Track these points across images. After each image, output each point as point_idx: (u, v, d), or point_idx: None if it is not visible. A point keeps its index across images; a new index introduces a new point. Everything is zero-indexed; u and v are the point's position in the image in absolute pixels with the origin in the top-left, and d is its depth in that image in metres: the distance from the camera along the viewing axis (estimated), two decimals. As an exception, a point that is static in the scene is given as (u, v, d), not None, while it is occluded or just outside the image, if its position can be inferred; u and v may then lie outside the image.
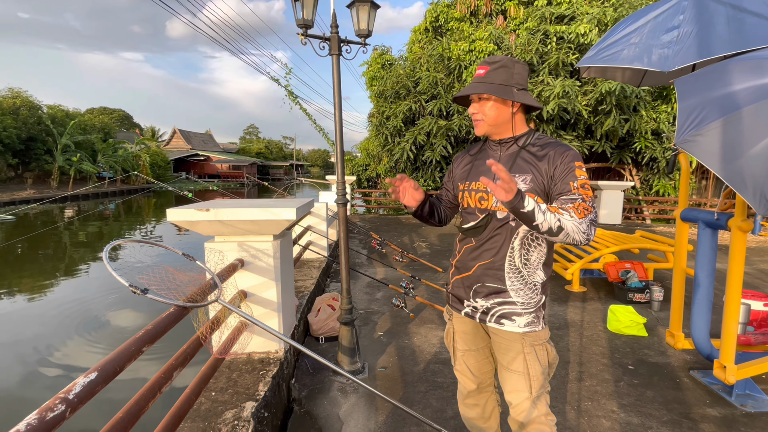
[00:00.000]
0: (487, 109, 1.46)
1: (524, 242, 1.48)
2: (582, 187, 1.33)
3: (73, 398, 1.06)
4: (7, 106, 27.05)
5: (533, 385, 1.50)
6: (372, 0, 2.62)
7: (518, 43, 8.80)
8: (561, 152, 1.40)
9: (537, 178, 1.42)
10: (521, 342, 1.51)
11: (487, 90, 1.43)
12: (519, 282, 1.48)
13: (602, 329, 3.61)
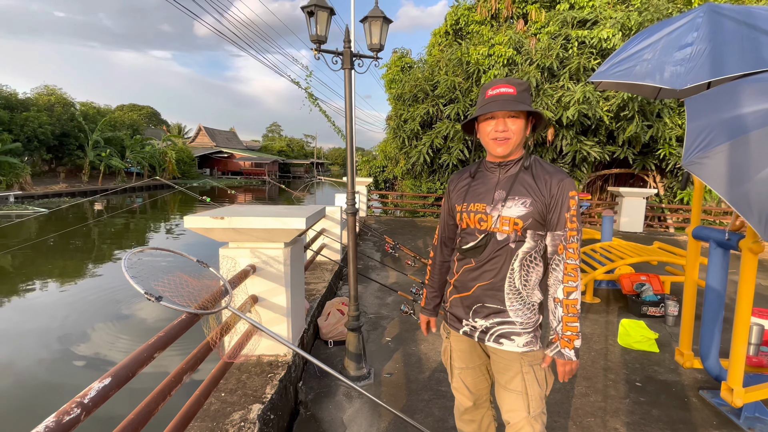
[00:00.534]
0: (517, 128, 1.46)
1: (524, 263, 1.50)
2: (572, 219, 1.44)
3: (88, 402, 1.16)
4: (43, 103, 28.28)
5: (531, 405, 1.52)
6: (384, 15, 2.68)
7: (538, 48, 8.70)
8: (558, 181, 1.45)
9: (536, 202, 1.46)
10: (520, 361, 1.53)
11: (529, 108, 1.46)
12: (518, 302, 1.51)
13: (612, 343, 3.58)
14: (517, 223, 1.47)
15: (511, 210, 1.48)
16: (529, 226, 1.46)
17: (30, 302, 7.72)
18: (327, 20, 2.56)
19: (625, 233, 9.07)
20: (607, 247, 4.90)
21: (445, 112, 9.92)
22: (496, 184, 1.55)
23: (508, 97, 1.45)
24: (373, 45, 2.74)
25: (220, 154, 48.84)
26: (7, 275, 9.57)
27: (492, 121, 1.48)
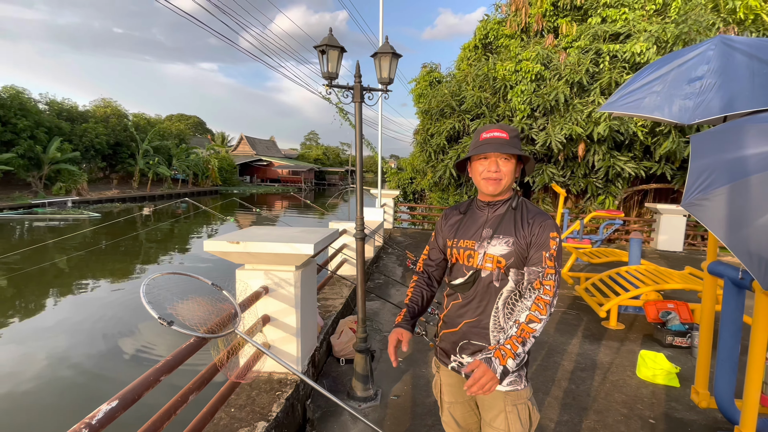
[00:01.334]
0: (508, 169, 1.55)
1: (508, 302, 1.54)
2: (551, 258, 1.47)
3: (95, 424, 1.31)
4: (100, 115, 30.49)
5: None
6: (393, 51, 2.79)
7: (568, 62, 8.51)
8: (540, 221, 1.51)
9: (518, 241, 1.50)
10: (503, 400, 1.55)
11: (521, 152, 1.55)
12: (503, 339, 1.55)
13: (631, 375, 3.46)
14: (500, 261, 1.51)
15: (495, 248, 1.53)
16: (511, 264, 1.51)
17: (83, 300, 8.38)
18: (338, 58, 2.70)
19: (663, 252, 8.66)
20: (633, 271, 4.73)
21: (471, 127, 9.90)
22: (484, 222, 1.61)
23: (502, 141, 1.53)
24: (383, 79, 2.85)
25: (259, 162, 50.63)
26: (63, 275, 10.40)
27: (485, 161, 1.56)
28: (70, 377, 5.04)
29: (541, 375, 3.44)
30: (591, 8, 9.58)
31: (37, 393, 4.81)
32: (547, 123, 9.06)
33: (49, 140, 24.40)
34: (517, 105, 9.06)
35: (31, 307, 8.05)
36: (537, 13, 9.92)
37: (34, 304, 8.22)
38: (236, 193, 35.36)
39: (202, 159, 38.36)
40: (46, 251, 12.56)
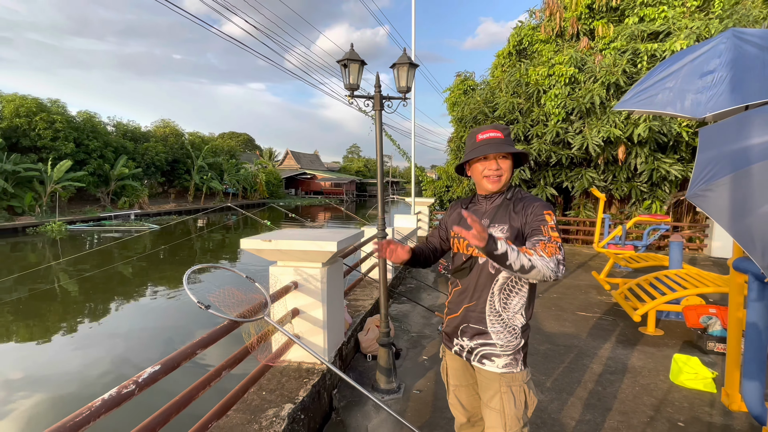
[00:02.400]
0: (506, 167, 1.67)
1: (504, 288, 1.64)
2: (551, 230, 1.49)
3: (141, 382, 1.57)
4: (159, 135, 33.00)
5: (507, 423, 1.62)
6: (410, 62, 2.98)
7: (604, 64, 8.29)
8: (531, 203, 1.60)
9: (512, 227, 1.60)
10: (499, 382, 1.64)
11: (514, 150, 1.65)
12: (499, 325, 1.64)
13: (664, 379, 3.36)
14: None
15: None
16: None
17: (142, 306, 9.13)
18: (358, 70, 2.93)
19: (717, 259, 8.12)
20: (672, 275, 4.55)
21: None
22: (483, 213, 1.73)
23: (500, 141, 1.65)
24: (401, 87, 3.05)
25: (303, 176, 52.42)
26: (126, 281, 11.37)
27: (486, 161, 1.67)
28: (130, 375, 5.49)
29: (567, 376, 3.42)
30: (628, 8, 9.30)
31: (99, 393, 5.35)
32: (583, 126, 8.84)
33: (115, 159, 26.77)
34: (551, 109, 8.93)
35: (99, 311, 8.89)
36: (572, 16, 9.77)
37: (101, 308, 9.07)
38: (282, 204, 36.82)
39: (250, 173, 40.36)
40: (112, 260, 13.77)
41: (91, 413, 1.34)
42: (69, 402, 4.92)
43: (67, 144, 23.23)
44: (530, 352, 3.88)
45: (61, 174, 21.78)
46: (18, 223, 19.23)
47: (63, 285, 10.95)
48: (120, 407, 1.45)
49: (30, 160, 21.59)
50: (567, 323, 4.71)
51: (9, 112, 21.70)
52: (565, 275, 7.15)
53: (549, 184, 10.19)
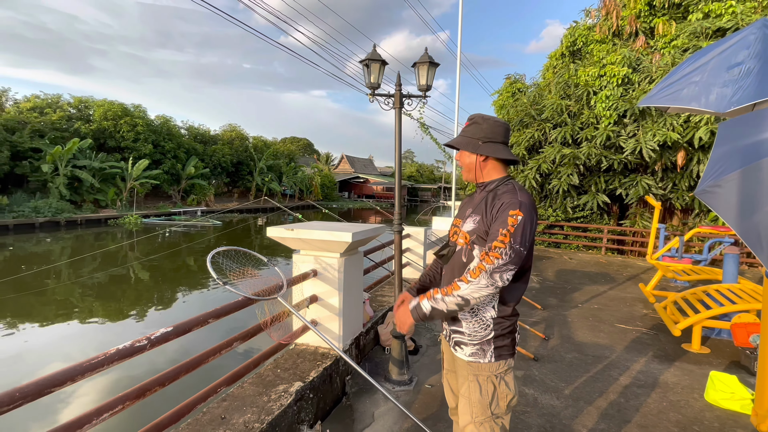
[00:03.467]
0: (462, 160, 1.73)
1: None
2: (505, 235, 1.48)
3: (153, 339, 1.80)
4: (226, 138, 35.37)
5: (474, 411, 1.63)
6: (430, 60, 3.06)
7: (662, 64, 7.70)
8: (501, 201, 1.56)
9: (483, 219, 1.61)
10: (467, 369, 1.66)
11: (452, 142, 1.74)
12: (469, 314, 1.64)
13: (697, 397, 3.11)
14: (466, 237, 1.64)
15: (466, 225, 1.67)
16: (474, 240, 1.61)
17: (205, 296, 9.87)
18: (379, 70, 3.06)
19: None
20: (725, 289, 4.17)
21: (551, 136, 9.45)
22: (472, 203, 1.76)
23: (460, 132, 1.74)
24: (422, 86, 3.13)
25: (356, 179, 53.55)
26: (191, 273, 12.34)
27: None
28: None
29: (588, 386, 3.28)
30: (692, 4, 8.57)
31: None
32: (637, 129, 8.27)
33: (187, 159, 29.11)
34: (601, 111, 8.44)
35: (167, 298, 9.76)
36: (630, 14, 9.19)
37: (168, 296, 9.94)
38: (335, 207, 37.92)
39: (307, 176, 42.01)
40: (180, 253, 15.01)
41: (106, 358, 1.58)
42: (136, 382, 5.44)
43: (146, 145, 25.68)
44: (554, 359, 3.77)
45: (140, 172, 24.10)
46: (102, 215, 21.55)
47: (138, 274, 12.14)
48: (137, 365, 1.67)
49: (114, 159, 24.14)
50: (602, 334, 4.49)
51: (98, 115, 24.45)
52: (612, 287, 6.75)
53: (601, 190, 9.62)
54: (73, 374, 1.46)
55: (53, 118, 22.62)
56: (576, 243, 10.64)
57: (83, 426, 1.50)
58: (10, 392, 1.27)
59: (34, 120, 21.87)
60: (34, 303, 8.79)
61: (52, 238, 17.32)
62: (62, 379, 1.42)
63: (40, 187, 21.37)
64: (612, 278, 7.45)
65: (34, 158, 20.91)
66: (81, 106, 25.00)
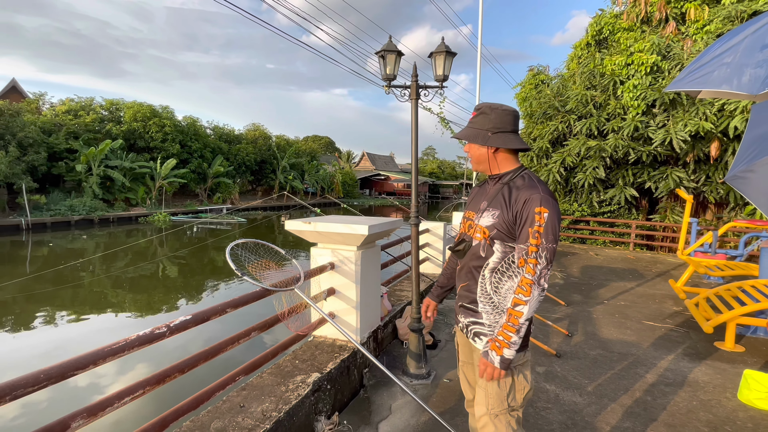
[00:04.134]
0: (471, 152, 1.70)
1: (495, 272, 1.61)
2: (536, 235, 1.47)
3: (173, 327, 1.84)
4: (250, 137, 36.01)
5: (490, 402, 1.61)
6: (447, 50, 3.01)
7: (694, 51, 7.32)
8: (526, 196, 1.53)
9: (503, 215, 1.57)
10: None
11: (460, 135, 1.71)
12: (489, 306, 1.63)
13: (730, 397, 2.97)
14: (485, 232, 1.61)
15: (483, 219, 1.63)
16: (495, 236, 1.58)
17: (232, 291, 10.10)
18: (395, 61, 3.03)
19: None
20: (761, 285, 3.96)
21: (576, 128, 9.15)
22: (486, 195, 1.72)
23: (468, 123, 1.70)
24: (438, 76, 3.09)
25: (377, 177, 53.62)
26: (218, 269, 12.66)
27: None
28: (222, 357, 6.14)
29: (613, 383, 3.18)
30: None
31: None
32: (667, 119, 7.90)
33: (212, 158, 29.81)
34: (629, 101, 8.11)
35: (194, 292, 10.04)
36: (660, 0, 8.79)
37: (196, 290, 10.22)
38: (356, 204, 38.11)
39: (328, 174, 42.35)
40: (207, 249, 15.42)
41: (127, 344, 1.62)
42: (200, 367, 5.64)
43: (174, 145, 26.44)
44: (577, 356, 3.67)
45: (168, 171, 24.85)
46: (133, 213, 22.34)
47: (167, 270, 12.54)
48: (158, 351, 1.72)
49: (143, 159, 24.96)
50: (629, 331, 4.34)
51: (128, 117, 25.32)
52: (640, 283, 6.53)
53: (628, 183, 9.27)
54: (96, 358, 1.51)
55: (87, 121, 23.56)
56: (602, 239, 10.33)
57: (105, 408, 1.56)
58: (35, 374, 1.32)
59: (69, 122, 22.84)
60: (75, 296, 9.20)
61: (86, 235, 18.09)
62: (85, 362, 1.47)
63: (75, 186, 22.32)
64: (640, 274, 7.20)
65: (69, 159, 21.84)
66: (112, 108, 25.95)
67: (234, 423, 2.14)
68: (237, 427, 2.10)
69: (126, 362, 5.70)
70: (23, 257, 13.51)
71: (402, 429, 2.58)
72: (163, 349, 5.87)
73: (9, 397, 1.25)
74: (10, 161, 17.84)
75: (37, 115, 22.73)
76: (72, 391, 5.00)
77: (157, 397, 4.53)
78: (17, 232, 17.73)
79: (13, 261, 12.84)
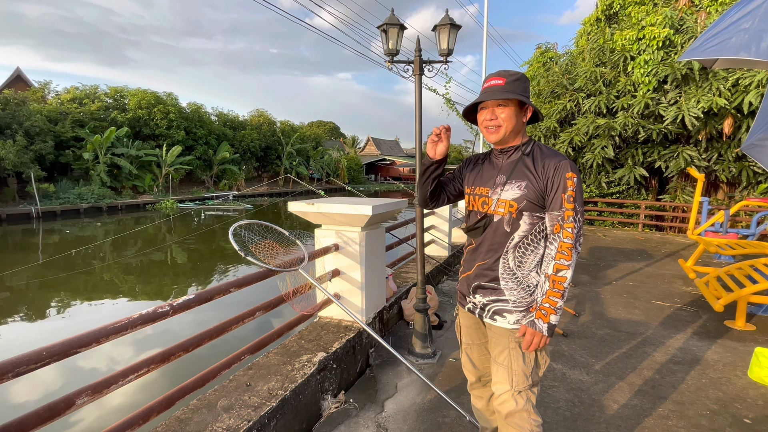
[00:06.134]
0: (505, 116, 1.56)
1: (519, 246, 1.58)
2: (570, 199, 1.48)
3: (176, 306, 1.83)
4: (255, 123, 35.86)
5: (515, 379, 1.60)
6: (452, 22, 2.91)
7: (708, 23, 7.06)
8: (555, 163, 1.51)
9: (531, 185, 1.53)
10: (509, 337, 1.61)
11: (515, 96, 1.53)
12: (513, 282, 1.59)
13: (740, 375, 2.94)
14: (512, 205, 1.55)
15: (507, 193, 1.57)
16: (524, 207, 1.54)
17: (239, 275, 10.18)
18: (398, 35, 2.95)
19: None
20: (774, 263, 3.88)
21: (585, 107, 8.94)
22: (499, 169, 1.65)
23: (497, 89, 1.56)
24: (443, 50, 3.00)
25: (383, 162, 53.33)
26: (226, 255, 12.74)
27: (484, 111, 1.60)
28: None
29: (621, 362, 3.16)
30: None
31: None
32: (679, 96, 7.68)
33: (218, 145, 29.78)
34: (639, 77, 7.88)
35: (201, 278, 10.13)
36: (675, -30, 8.47)
37: (205, 275, 10.32)
38: (361, 190, 38.06)
39: (333, 160, 42.18)
40: (214, 235, 15.52)
41: (129, 322, 1.62)
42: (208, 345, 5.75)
43: (179, 132, 26.41)
44: (585, 335, 3.65)
45: (174, 158, 24.88)
46: (140, 200, 22.50)
47: (177, 256, 12.66)
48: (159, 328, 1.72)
49: (149, 146, 25.00)
50: (637, 311, 4.30)
51: (133, 104, 25.28)
52: (649, 264, 6.46)
53: (638, 163, 9.09)
54: (98, 336, 1.50)
55: (92, 109, 23.57)
56: (611, 219, 10.21)
57: (110, 386, 1.56)
58: (38, 351, 1.32)
59: (75, 111, 22.87)
60: (87, 282, 9.34)
61: (96, 222, 18.29)
62: (87, 340, 1.47)
63: (83, 174, 22.47)
64: (649, 255, 7.12)
65: (76, 147, 21.94)
66: (117, 96, 25.91)
67: (241, 401, 2.16)
68: (243, 405, 2.11)
69: (138, 345, 5.79)
70: (35, 244, 13.71)
71: (408, 407, 2.59)
72: (174, 332, 5.97)
73: (12, 374, 1.25)
74: (18, 150, 17.96)
75: (42, 103, 22.76)
76: (79, 371, 5.10)
77: (165, 375, 4.61)
78: (28, 220, 17.96)
79: (26, 248, 13.04)
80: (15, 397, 4.57)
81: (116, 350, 5.67)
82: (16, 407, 4.38)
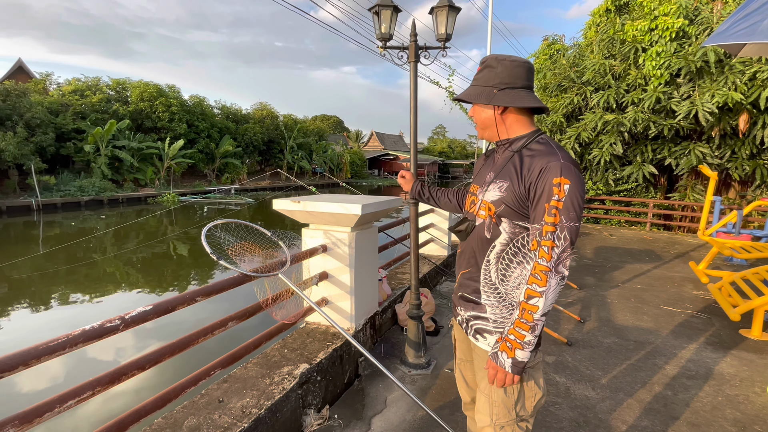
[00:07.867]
0: (475, 112, 1.41)
1: (502, 257, 1.34)
2: (555, 210, 1.19)
3: (128, 319, 1.62)
4: (258, 117, 35.63)
5: (494, 411, 1.36)
6: (450, 4, 2.67)
7: (724, 13, 6.71)
8: (542, 164, 1.24)
9: (513, 186, 1.29)
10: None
11: (461, 95, 1.42)
12: (494, 298, 1.37)
13: (758, 393, 2.70)
14: (490, 209, 1.33)
15: (489, 194, 1.35)
16: (502, 213, 1.31)
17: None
18: (391, 18, 2.70)
19: None
20: (795, 269, 3.63)
21: (593, 101, 8.61)
22: (493, 166, 1.43)
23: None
24: (440, 35, 2.76)
25: (386, 156, 53.00)
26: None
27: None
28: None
29: (629, 375, 2.93)
30: None
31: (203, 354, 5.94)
32: (692, 90, 7.35)
33: (220, 138, 29.60)
34: (651, 70, 7.54)
35: (204, 273, 9.97)
36: (689, -42, 8.10)
37: (206, 270, 10.15)
38: (364, 185, 37.81)
39: (336, 154, 41.92)
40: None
41: (67, 340, 1.40)
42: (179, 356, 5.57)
43: (181, 125, 26.25)
44: (590, 344, 3.42)
45: (176, 151, 24.74)
46: (142, 194, 22.41)
47: (178, 249, 12.54)
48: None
49: (151, 139, 24.87)
50: (645, 317, 4.06)
51: (135, 96, 25.12)
52: (657, 265, 6.20)
53: (647, 160, 8.77)
54: (26, 358, 1.29)
55: (93, 101, 23.42)
56: (617, 218, 9.92)
57: (43, 414, 1.35)
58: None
59: (76, 102, 22.73)
60: (88, 274, 9.21)
61: (97, 215, 18.20)
62: (12, 363, 1.25)
63: (84, 167, 22.37)
64: (658, 256, 6.86)
65: (77, 139, 21.82)
66: (119, 88, 25.75)
67: (210, 420, 1.95)
68: (212, 426, 1.91)
69: (117, 353, 5.62)
70: (36, 236, 13.62)
71: (396, 425, 2.38)
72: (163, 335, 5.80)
73: None
74: (18, 142, 17.85)
75: (43, 95, 22.64)
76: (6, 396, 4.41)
77: (125, 393, 4.17)
78: (29, 212, 17.90)
79: (27, 240, 12.95)
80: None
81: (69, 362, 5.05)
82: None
